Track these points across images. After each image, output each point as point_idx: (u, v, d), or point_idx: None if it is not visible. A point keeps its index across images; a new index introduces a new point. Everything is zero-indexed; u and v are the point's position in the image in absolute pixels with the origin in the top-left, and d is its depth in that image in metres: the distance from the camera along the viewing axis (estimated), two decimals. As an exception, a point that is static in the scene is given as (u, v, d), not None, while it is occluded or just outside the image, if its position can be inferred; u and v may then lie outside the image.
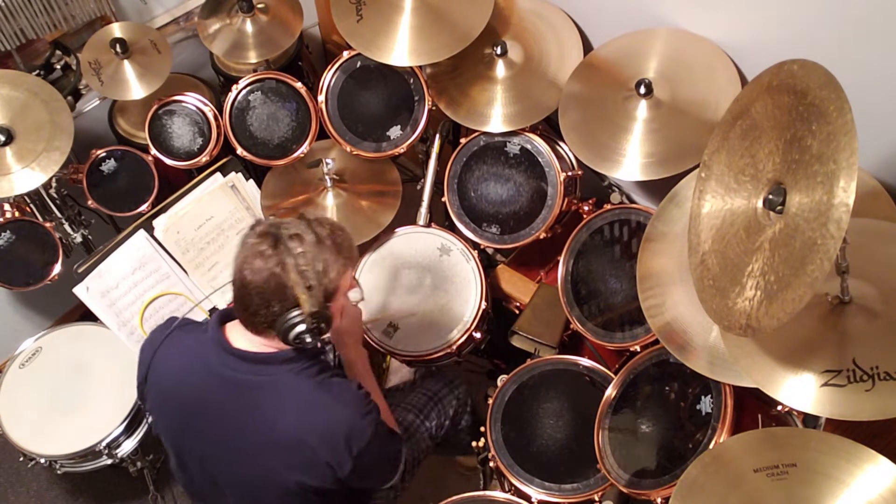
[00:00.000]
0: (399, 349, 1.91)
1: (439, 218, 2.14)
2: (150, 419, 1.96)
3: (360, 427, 1.36)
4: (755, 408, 1.53)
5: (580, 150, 1.75)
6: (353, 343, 1.71)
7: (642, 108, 1.69)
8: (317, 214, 1.36)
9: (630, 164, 1.67)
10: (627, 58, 1.77)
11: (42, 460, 1.93)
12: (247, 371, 1.36)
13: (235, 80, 2.07)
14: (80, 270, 1.93)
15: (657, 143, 1.66)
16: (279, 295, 1.27)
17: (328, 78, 2.02)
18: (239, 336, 1.38)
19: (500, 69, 1.93)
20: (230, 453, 1.42)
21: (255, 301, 1.28)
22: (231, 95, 2.06)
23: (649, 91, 1.67)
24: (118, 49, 1.99)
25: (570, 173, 1.92)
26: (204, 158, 2.10)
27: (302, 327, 1.28)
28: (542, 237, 1.93)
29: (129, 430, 1.98)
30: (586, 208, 1.95)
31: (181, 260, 2.01)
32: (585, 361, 1.81)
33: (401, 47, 1.86)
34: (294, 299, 1.26)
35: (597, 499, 1.64)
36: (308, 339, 1.31)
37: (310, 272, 1.26)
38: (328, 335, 1.70)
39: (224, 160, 2.11)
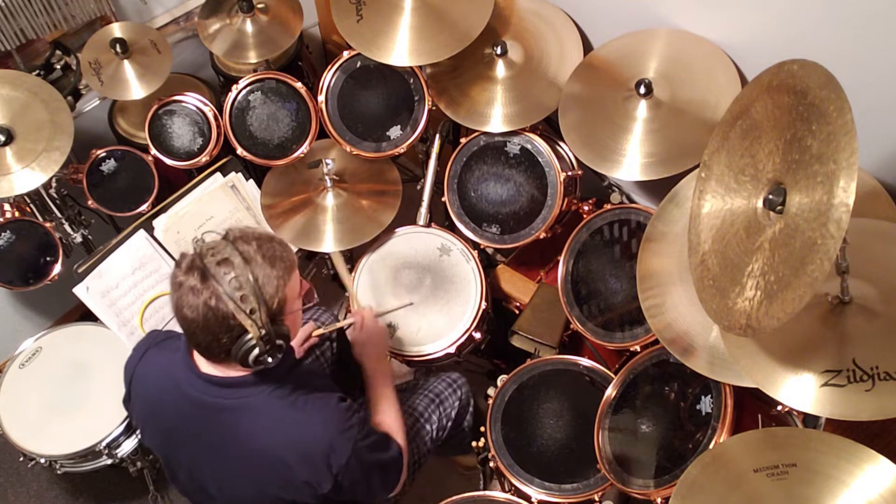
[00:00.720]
0: (399, 349, 1.91)
1: (439, 218, 2.14)
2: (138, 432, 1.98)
3: (339, 444, 1.33)
4: (755, 408, 1.52)
5: (580, 151, 1.75)
6: (375, 355, 1.71)
7: (642, 108, 1.69)
8: (241, 230, 1.29)
9: (630, 164, 1.67)
10: (627, 58, 1.77)
11: (42, 460, 1.92)
12: (218, 395, 1.34)
13: (235, 80, 2.07)
14: (80, 270, 1.93)
15: (657, 143, 1.66)
16: (223, 327, 1.21)
17: (328, 78, 2.02)
18: (206, 361, 1.35)
19: (500, 69, 1.93)
20: (213, 469, 1.43)
21: (203, 337, 1.24)
22: (231, 95, 2.06)
23: (649, 91, 1.67)
24: (118, 49, 1.99)
25: (570, 173, 1.92)
26: (204, 158, 2.10)
27: (256, 351, 1.24)
28: (542, 237, 1.93)
29: (129, 430, 1.98)
30: (586, 208, 1.95)
31: (181, 260, 2.01)
32: (585, 361, 1.81)
33: (401, 47, 1.85)
34: (240, 327, 1.21)
35: (597, 499, 1.64)
36: (269, 360, 1.27)
37: (248, 295, 1.20)
38: (354, 346, 1.69)
39: (224, 160, 2.11)
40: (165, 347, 1.47)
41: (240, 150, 2.08)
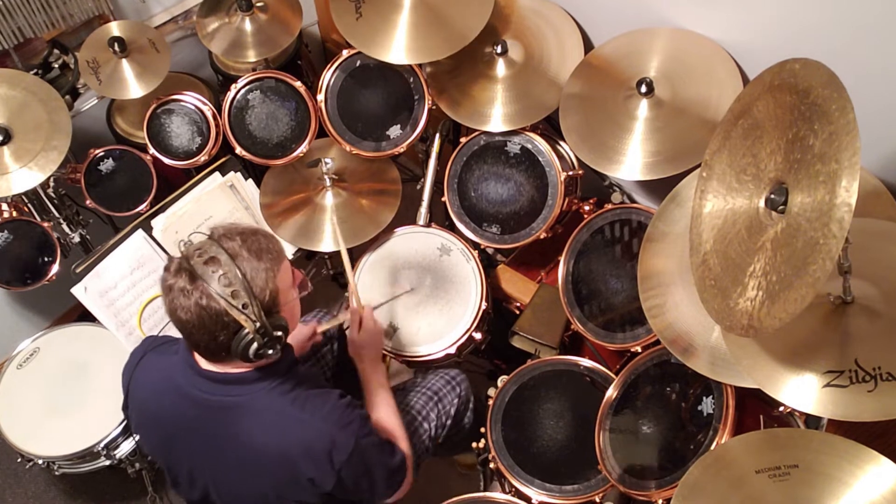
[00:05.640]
0: (399, 350, 1.90)
1: (439, 218, 2.13)
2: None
3: (341, 438, 1.33)
4: (757, 408, 1.52)
5: (581, 150, 1.74)
6: (370, 357, 1.70)
7: (643, 108, 1.68)
8: (226, 227, 1.29)
9: (632, 164, 1.66)
10: (628, 57, 1.76)
11: (40, 461, 1.92)
12: (220, 393, 1.34)
13: (234, 79, 2.06)
14: (78, 270, 1.92)
15: (659, 142, 1.65)
16: (218, 324, 1.22)
17: (327, 77, 2.01)
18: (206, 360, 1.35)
19: (501, 68, 1.92)
20: (215, 471, 1.42)
21: (201, 337, 1.24)
22: (230, 94, 2.05)
23: (650, 90, 1.66)
24: (116, 48, 1.98)
25: (570, 173, 1.91)
26: (203, 158, 2.10)
27: (255, 345, 1.24)
28: (542, 237, 1.93)
29: (127, 431, 1.97)
30: (587, 208, 1.95)
31: (180, 260, 2.01)
32: (586, 362, 1.80)
33: (400, 45, 1.85)
34: (235, 322, 1.22)
35: (598, 500, 1.63)
36: (270, 352, 1.28)
37: (238, 290, 1.21)
38: (349, 345, 1.69)
39: (223, 159, 2.11)
40: (163, 352, 1.46)
41: (239, 150, 2.07)
